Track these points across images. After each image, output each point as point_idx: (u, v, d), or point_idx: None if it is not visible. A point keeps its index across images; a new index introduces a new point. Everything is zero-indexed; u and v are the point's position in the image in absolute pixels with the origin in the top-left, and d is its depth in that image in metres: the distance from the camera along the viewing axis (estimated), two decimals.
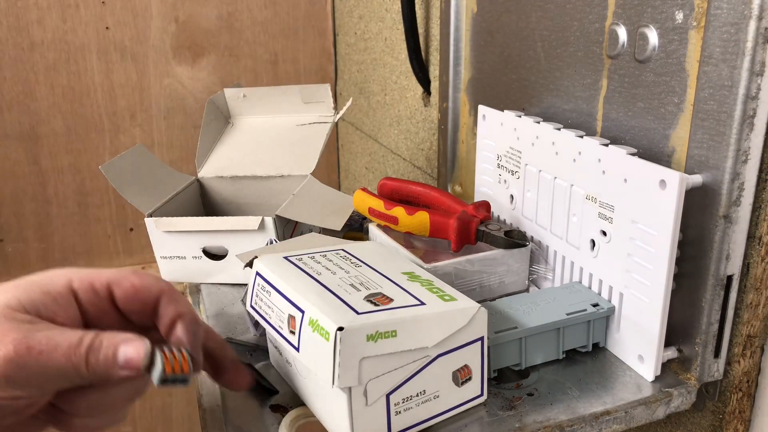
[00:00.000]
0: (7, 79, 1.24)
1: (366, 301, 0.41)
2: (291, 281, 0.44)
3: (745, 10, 0.40)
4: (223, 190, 0.79)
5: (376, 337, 0.38)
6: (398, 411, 0.41)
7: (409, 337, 0.40)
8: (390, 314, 0.40)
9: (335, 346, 0.37)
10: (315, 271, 0.45)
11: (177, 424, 1.57)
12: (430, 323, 0.41)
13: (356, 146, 1.32)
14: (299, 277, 0.44)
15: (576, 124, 0.57)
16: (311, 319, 0.40)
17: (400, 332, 0.39)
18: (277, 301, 0.44)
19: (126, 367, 0.35)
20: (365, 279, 0.45)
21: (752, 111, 0.42)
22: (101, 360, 0.35)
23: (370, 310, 0.40)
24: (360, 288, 0.43)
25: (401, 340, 0.39)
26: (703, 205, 0.45)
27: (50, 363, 0.34)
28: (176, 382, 0.36)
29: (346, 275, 0.45)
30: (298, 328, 0.41)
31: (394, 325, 0.39)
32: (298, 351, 0.41)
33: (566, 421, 0.44)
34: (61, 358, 0.34)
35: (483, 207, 0.58)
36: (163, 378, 0.35)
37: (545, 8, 0.60)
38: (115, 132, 1.33)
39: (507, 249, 0.55)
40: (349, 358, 0.38)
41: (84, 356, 0.34)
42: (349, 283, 0.44)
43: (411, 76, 0.97)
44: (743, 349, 0.47)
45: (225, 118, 0.85)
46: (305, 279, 0.44)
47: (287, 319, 0.42)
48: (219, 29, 1.32)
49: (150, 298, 0.39)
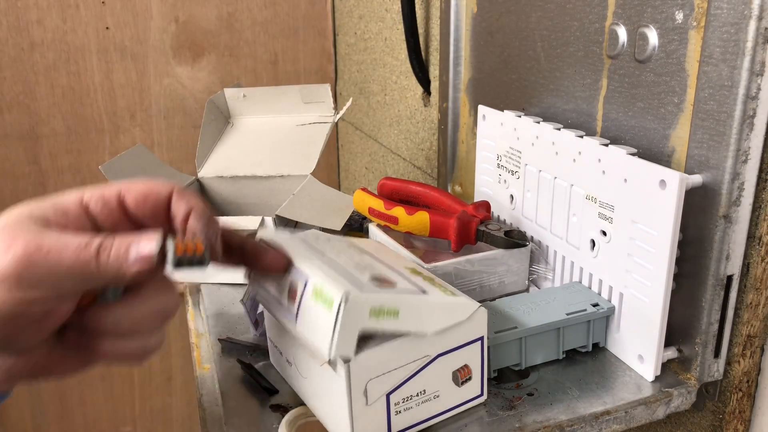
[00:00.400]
0: (7, 79, 1.24)
1: (370, 281, 0.41)
2: (296, 251, 0.43)
3: (745, 10, 0.40)
4: (223, 190, 0.79)
5: (378, 314, 0.38)
6: (398, 411, 0.41)
7: (410, 319, 0.39)
8: (394, 294, 0.40)
9: (338, 314, 0.37)
10: (320, 250, 0.45)
11: (177, 424, 1.57)
12: (431, 310, 0.40)
13: (356, 146, 1.32)
14: (305, 248, 0.44)
15: (576, 124, 0.57)
16: (315, 287, 0.39)
17: (402, 313, 0.39)
18: None
19: (138, 260, 0.34)
20: (369, 264, 0.44)
21: (752, 111, 0.42)
22: (112, 256, 0.34)
23: (375, 288, 0.40)
24: (364, 270, 0.42)
25: (402, 321, 0.39)
26: (703, 205, 0.45)
27: (60, 261, 0.33)
28: (192, 264, 0.35)
29: (350, 260, 0.44)
30: (299, 297, 0.40)
31: (397, 304, 0.39)
32: (296, 321, 0.40)
33: (566, 421, 0.44)
34: (72, 255, 0.34)
35: (483, 207, 0.58)
36: (176, 260, 0.34)
37: (545, 8, 0.60)
38: (115, 132, 1.33)
39: (507, 249, 0.55)
40: (350, 329, 0.37)
41: (94, 254, 0.34)
42: (353, 265, 0.43)
43: (411, 76, 0.97)
44: (743, 349, 0.47)
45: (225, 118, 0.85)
46: (311, 251, 0.43)
47: (287, 290, 0.41)
48: (219, 29, 1.32)
49: (160, 200, 0.38)
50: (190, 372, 1.53)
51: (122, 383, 1.50)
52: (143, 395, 1.53)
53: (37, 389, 1.44)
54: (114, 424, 1.53)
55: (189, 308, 0.66)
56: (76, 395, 1.48)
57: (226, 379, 0.50)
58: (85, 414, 1.50)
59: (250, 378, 0.49)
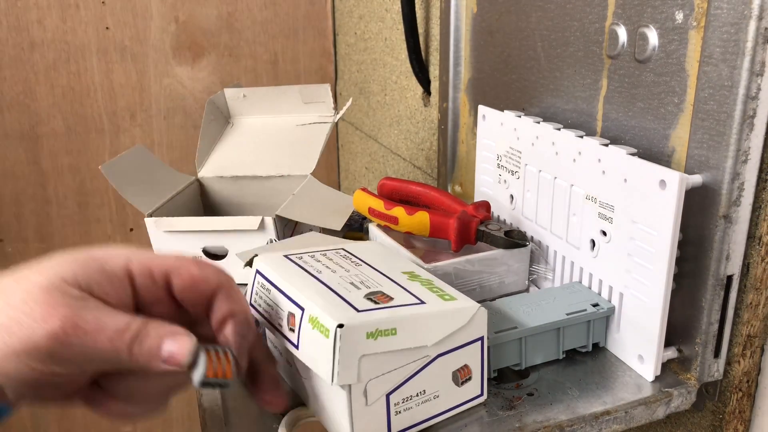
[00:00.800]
0: (7, 79, 1.24)
1: (366, 299, 0.41)
2: (291, 279, 0.44)
3: (745, 10, 0.40)
4: (223, 190, 0.79)
5: (376, 335, 0.38)
6: (398, 411, 0.41)
7: (408, 335, 0.40)
8: (390, 312, 0.40)
9: (335, 343, 0.37)
10: (315, 269, 0.45)
11: (177, 424, 1.57)
12: (429, 322, 0.41)
13: (356, 146, 1.32)
14: (299, 275, 0.44)
15: (576, 124, 0.57)
16: (311, 316, 0.40)
17: (400, 330, 0.39)
18: (277, 299, 0.43)
19: (168, 361, 0.35)
20: (365, 278, 0.45)
21: (752, 111, 0.42)
22: (145, 350, 0.34)
23: (370, 308, 0.40)
24: (360, 286, 0.43)
25: (401, 338, 0.39)
26: (703, 205, 0.45)
27: (94, 345, 0.33)
28: (216, 385, 0.35)
29: (346, 274, 0.45)
30: (298, 325, 0.41)
31: (394, 323, 0.39)
32: (297, 349, 0.41)
33: (566, 421, 0.44)
34: (106, 341, 0.34)
35: (483, 207, 0.58)
36: (203, 381, 0.35)
37: (545, 8, 0.60)
38: (115, 132, 1.33)
39: (507, 249, 0.55)
40: (349, 355, 0.38)
41: (128, 343, 0.34)
42: (349, 281, 0.44)
43: (411, 76, 0.97)
44: (743, 349, 0.47)
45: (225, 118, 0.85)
46: (305, 277, 0.44)
47: (287, 316, 0.42)
48: (219, 29, 1.32)
49: (207, 291, 0.38)
50: None
51: None
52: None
53: None
54: (114, 423, 1.53)
55: None
56: None
57: None
58: (85, 414, 1.50)
59: None
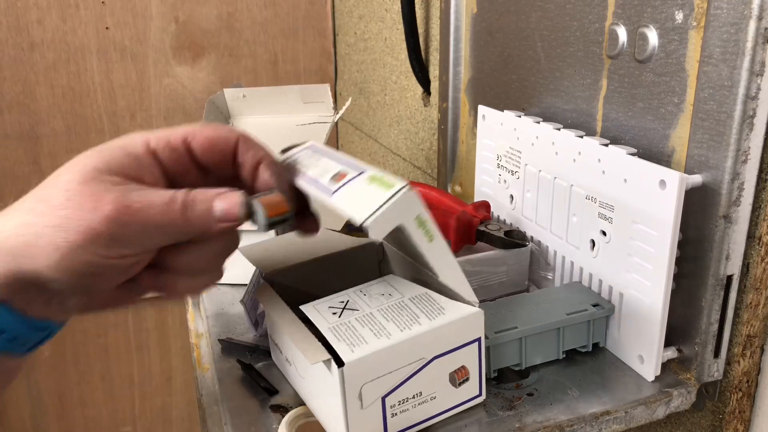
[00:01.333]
0: (7, 79, 1.24)
1: None
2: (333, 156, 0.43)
3: (745, 10, 0.40)
4: None
5: (421, 224, 0.39)
6: (394, 413, 0.41)
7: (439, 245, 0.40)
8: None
9: (393, 196, 0.37)
10: None
11: (177, 424, 1.57)
12: None
13: (356, 146, 1.32)
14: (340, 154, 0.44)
15: (576, 124, 0.57)
16: (373, 175, 0.39)
17: (435, 237, 0.40)
18: (325, 163, 0.42)
19: (223, 219, 0.36)
20: None
21: (752, 111, 0.42)
22: (197, 214, 0.36)
23: None
24: None
25: (435, 243, 0.40)
26: (703, 205, 0.45)
27: (149, 220, 0.34)
28: (282, 223, 0.37)
29: None
30: (348, 179, 0.40)
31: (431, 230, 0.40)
32: (332, 195, 0.40)
33: (566, 421, 0.44)
34: (158, 215, 0.35)
35: (483, 207, 0.58)
36: (268, 222, 0.36)
37: (545, 8, 0.60)
38: (115, 132, 1.33)
39: (507, 249, 0.55)
40: (395, 213, 0.37)
41: (180, 211, 0.35)
42: None
43: (411, 76, 0.97)
44: (743, 349, 0.47)
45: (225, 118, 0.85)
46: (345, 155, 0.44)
47: (334, 174, 0.41)
48: (219, 29, 1.32)
49: (227, 147, 0.39)
50: (190, 372, 1.53)
51: (122, 383, 1.50)
52: (143, 395, 1.53)
53: (37, 389, 1.44)
54: (114, 424, 1.53)
55: (189, 308, 0.66)
56: (76, 395, 1.48)
57: (226, 380, 0.50)
58: (85, 414, 1.50)
59: (250, 378, 0.49)
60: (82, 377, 1.47)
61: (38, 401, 1.46)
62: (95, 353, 1.46)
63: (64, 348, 1.43)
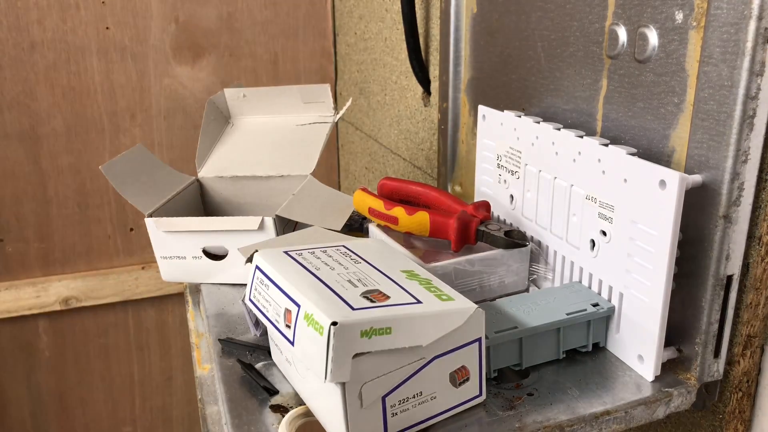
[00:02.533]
0: (7, 79, 1.24)
1: (362, 298, 0.41)
2: (289, 275, 0.44)
3: (745, 10, 0.40)
4: (223, 190, 0.79)
5: (370, 334, 0.38)
6: (394, 413, 0.41)
7: (403, 334, 0.39)
8: (385, 311, 0.40)
9: (329, 341, 0.37)
10: (314, 266, 0.45)
11: (177, 424, 1.57)
12: (425, 322, 0.40)
13: (356, 146, 1.32)
14: (297, 271, 0.44)
15: (576, 124, 0.57)
16: (306, 313, 0.40)
17: (395, 330, 0.39)
18: (274, 295, 0.44)
19: None
20: (363, 275, 0.45)
21: (752, 111, 0.42)
22: None
23: (366, 306, 0.40)
24: (357, 284, 0.43)
25: (395, 337, 0.39)
26: (703, 205, 0.45)
27: None
28: None
29: (345, 271, 0.45)
30: (294, 322, 0.41)
31: (388, 323, 0.39)
32: (292, 345, 0.41)
33: (566, 421, 0.44)
34: None
35: (483, 207, 0.58)
36: None
37: (545, 8, 0.60)
38: (115, 132, 1.33)
39: (507, 249, 0.55)
40: (342, 353, 0.38)
41: None
42: (346, 279, 0.44)
43: (411, 76, 0.97)
44: (743, 349, 0.47)
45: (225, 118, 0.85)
46: (303, 273, 0.44)
47: (284, 312, 0.42)
48: (219, 29, 1.32)
49: None
50: (190, 372, 1.53)
51: (122, 383, 1.50)
52: (143, 395, 1.53)
53: (37, 389, 1.45)
54: (114, 424, 1.53)
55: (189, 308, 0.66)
56: (76, 395, 1.48)
57: (226, 379, 0.50)
58: (85, 414, 1.50)
59: (250, 378, 0.49)
60: (82, 377, 1.47)
61: (38, 401, 1.46)
62: (95, 353, 1.46)
63: (64, 348, 1.43)
